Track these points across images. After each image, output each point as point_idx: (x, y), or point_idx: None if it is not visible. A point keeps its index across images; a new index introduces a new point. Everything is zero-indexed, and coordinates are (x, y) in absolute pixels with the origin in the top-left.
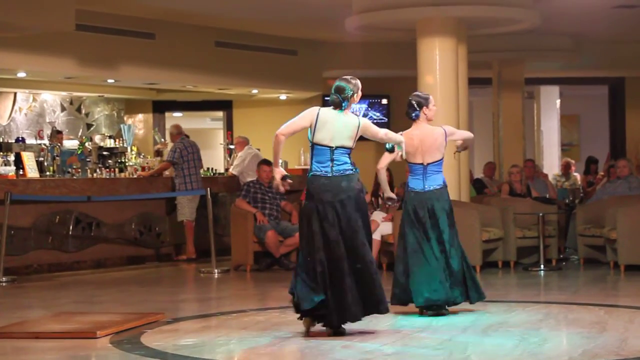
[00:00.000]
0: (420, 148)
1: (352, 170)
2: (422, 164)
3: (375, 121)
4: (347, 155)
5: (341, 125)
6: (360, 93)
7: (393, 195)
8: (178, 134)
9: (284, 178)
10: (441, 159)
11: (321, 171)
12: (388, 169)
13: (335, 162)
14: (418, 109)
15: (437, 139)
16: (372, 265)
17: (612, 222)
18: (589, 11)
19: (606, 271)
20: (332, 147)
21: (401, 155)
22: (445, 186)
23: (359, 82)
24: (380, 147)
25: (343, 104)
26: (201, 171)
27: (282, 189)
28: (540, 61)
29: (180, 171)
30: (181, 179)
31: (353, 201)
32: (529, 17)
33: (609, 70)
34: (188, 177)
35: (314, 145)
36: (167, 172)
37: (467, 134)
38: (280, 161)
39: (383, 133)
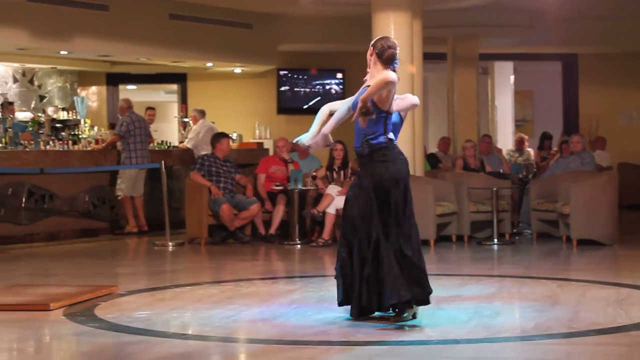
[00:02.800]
0: None
1: None
2: None
3: (333, 95)
4: None
5: None
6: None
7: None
8: (127, 107)
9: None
10: None
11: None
12: (343, 143)
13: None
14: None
15: None
16: None
17: (565, 197)
18: None
19: (559, 245)
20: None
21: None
22: None
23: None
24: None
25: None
26: (155, 144)
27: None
28: (494, 37)
29: (127, 145)
30: (127, 153)
31: None
32: None
33: (563, 47)
34: (134, 151)
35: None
36: (119, 145)
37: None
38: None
39: None
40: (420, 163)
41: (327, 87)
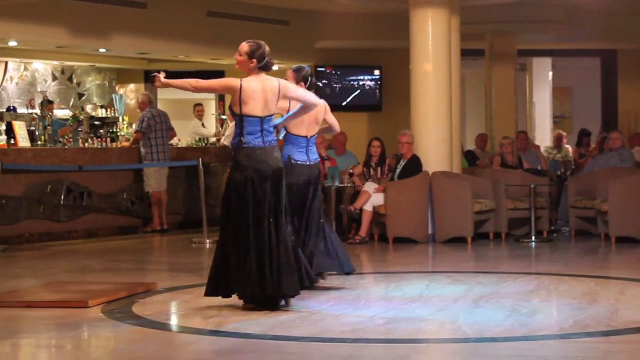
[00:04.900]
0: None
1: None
2: (306, 136)
3: (368, 92)
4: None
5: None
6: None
7: None
8: (148, 102)
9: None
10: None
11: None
12: (380, 140)
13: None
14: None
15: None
16: None
17: (604, 194)
18: None
19: (597, 243)
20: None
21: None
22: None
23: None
24: (373, 117)
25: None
26: (192, 141)
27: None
28: (532, 33)
29: (147, 141)
30: (147, 149)
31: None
32: None
33: (602, 42)
34: (155, 147)
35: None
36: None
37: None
38: None
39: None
40: (458, 160)
41: (364, 83)
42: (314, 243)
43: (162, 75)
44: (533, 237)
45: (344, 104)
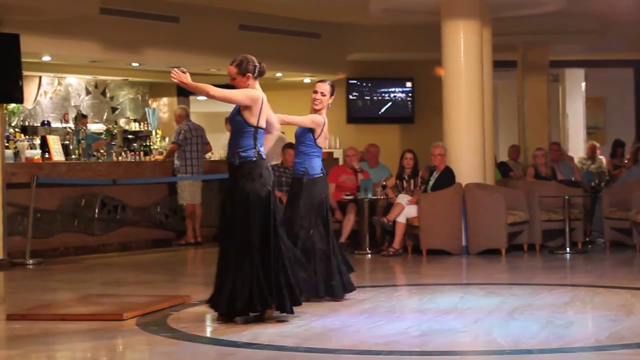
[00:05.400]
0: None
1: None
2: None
3: (400, 104)
4: None
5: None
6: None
7: None
8: (185, 115)
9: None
10: None
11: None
12: (412, 152)
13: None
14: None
15: None
16: None
17: (638, 205)
18: None
19: (632, 254)
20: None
21: None
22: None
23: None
24: (406, 129)
25: None
26: (225, 154)
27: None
28: (565, 44)
29: (182, 153)
30: (182, 161)
31: None
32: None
33: (635, 53)
34: (189, 159)
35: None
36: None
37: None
38: None
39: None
40: (491, 171)
41: (396, 95)
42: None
43: (187, 76)
44: (567, 249)
45: (376, 116)
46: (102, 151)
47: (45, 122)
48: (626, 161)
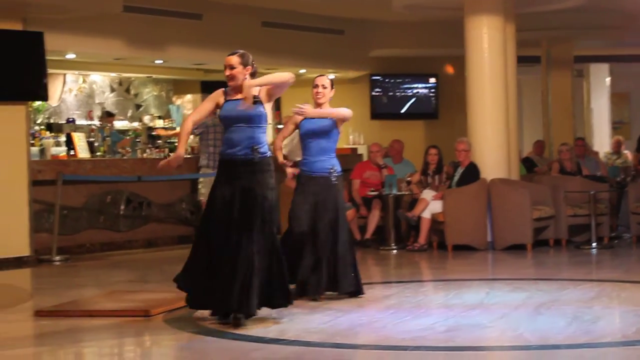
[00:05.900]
0: None
1: None
2: None
3: (424, 100)
4: None
5: None
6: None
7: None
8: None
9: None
10: None
11: None
12: (437, 147)
13: None
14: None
15: None
16: None
17: None
18: None
19: None
20: None
21: None
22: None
23: None
24: (430, 125)
25: None
26: None
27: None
28: (589, 39)
29: (206, 148)
30: (205, 155)
31: None
32: None
33: None
34: (212, 154)
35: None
36: (196, 148)
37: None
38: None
39: None
40: (516, 167)
41: (419, 91)
42: None
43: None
44: (594, 244)
45: (399, 112)
46: (127, 148)
47: (70, 120)
48: None
